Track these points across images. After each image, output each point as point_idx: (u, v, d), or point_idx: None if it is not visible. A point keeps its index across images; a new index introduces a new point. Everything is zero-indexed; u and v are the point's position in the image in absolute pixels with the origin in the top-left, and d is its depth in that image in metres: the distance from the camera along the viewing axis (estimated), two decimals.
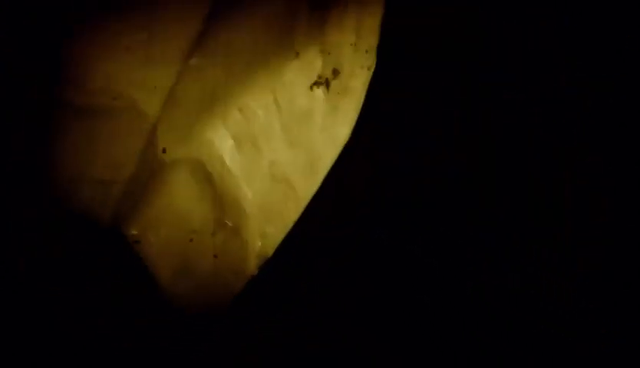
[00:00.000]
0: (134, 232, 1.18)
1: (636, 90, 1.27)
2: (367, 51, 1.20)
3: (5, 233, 1.19)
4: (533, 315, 1.25)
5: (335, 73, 1.19)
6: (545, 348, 1.24)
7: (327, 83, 1.19)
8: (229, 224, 1.18)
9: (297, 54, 1.19)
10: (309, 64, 1.19)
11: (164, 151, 1.17)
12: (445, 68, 1.30)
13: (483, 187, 1.28)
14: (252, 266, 1.18)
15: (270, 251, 1.18)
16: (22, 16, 1.19)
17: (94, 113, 1.18)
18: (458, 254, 1.27)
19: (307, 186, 1.19)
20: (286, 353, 1.25)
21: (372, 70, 1.20)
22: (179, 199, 1.19)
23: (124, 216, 1.18)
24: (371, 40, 1.20)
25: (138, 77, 1.18)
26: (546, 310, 1.25)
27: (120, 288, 1.22)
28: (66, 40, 1.19)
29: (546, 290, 1.25)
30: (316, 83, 1.19)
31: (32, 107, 1.20)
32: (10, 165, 1.20)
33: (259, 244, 1.18)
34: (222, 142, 1.18)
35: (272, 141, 1.19)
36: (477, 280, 1.27)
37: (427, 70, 1.30)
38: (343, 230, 1.27)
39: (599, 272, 1.25)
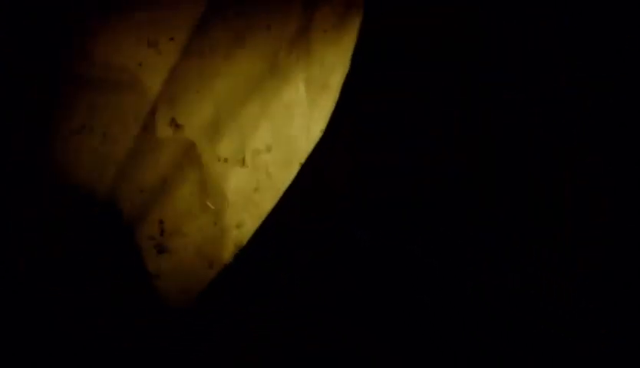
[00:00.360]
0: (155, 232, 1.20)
1: (636, 90, 1.27)
2: (346, 49, 1.22)
3: (5, 233, 1.19)
4: (533, 315, 1.25)
5: (318, 68, 1.21)
6: (546, 348, 1.24)
7: (309, 78, 1.21)
8: (212, 207, 1.19)
9: (287, 48, 1.21)
10: (296, 58, 1.21)
11: (176, 125, 1.19)
12: (445, 68, 1.30)
13: (483, 187, 1.28)
14: (228, 254, 1.19)
15: (244, 241, 1.19)
16: (22, 16, 1.19)
17: (99, 85, 1.20)
18: (458, 254, 1.28)
19: (283, 178, 1.21)
20: (281, 352, 1.25)
21: (348, 67, 1.22)
22: (170, 181, 1.20)
23: (119, 192, 1.19)
24: (351, 38, 1.23)
25: (142, 54, 1.20)
26: (546, 310, 1.25)
27: (120, 288, 1.22)
28: (73, 13, 1.20)
29: (546, 290, 1.25)
30: (300, 78, 1.21)
31: (32, 107, 1.20)
32: (10, 165, 1.20)
33: (235, 232, 1.19)
34: (213, 126, 1.20)
35: (257, 131, 1.20)
36: (477, 280, 1.27)
37: (427, 70, 1.30)
38: (324, 224, 1.28)
39: (599, 272, 1.25)
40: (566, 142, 1.28)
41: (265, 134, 1.21)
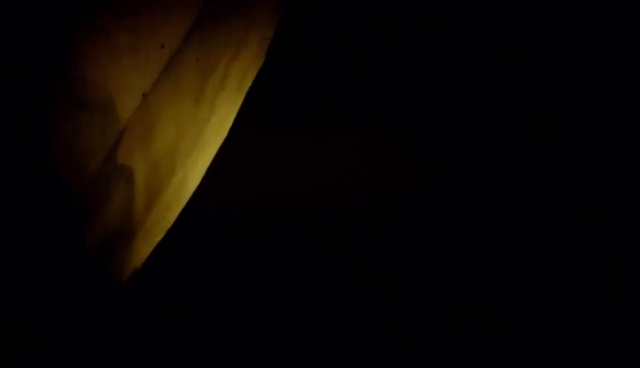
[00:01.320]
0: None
1: (636, 90, 1.27)
2: (243, 90, 1.26)
3: (5, 233, 1.19)
4: (533, 315, 1.25)
5: (225, 104, 1.24)
6: (545, 348, 1.24)
7: (219, 113, 1.24)
8: (135, 231, 1.22)
9: (214, 85, 1.24)
10: (216, 92, 1.24)
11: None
12: (445, 68, 1.30)
13: (483, 187, 1.28)
14: (126, 275, 1.22)
15: (139, 264, 1.22)
16: (22, 16, 1.20)
17: (82, 103, 1.21)
18: (458, 254, 1.28)
19: (177, 208, 1.24)
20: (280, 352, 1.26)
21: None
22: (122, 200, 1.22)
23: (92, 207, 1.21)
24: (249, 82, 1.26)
25: (120, 77, 1.21)
26: (546, 310, 1.25)
27: (120, 287, 1.22)
28: (66, 34, 1.21)
29: (546, 290, 1.25)
30: (212, 111, 1.24)
31: (32, 107, 1.20)
32: (10, 165, 1.20)
33: (135, 257, 1.22)
34: (156, 159, 1.22)
35: (178, 169, 1.24)
36: (477, 280, 1.27)
37: (427, 71, 1.30)
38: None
39: (599, 272, 1.25)
40: (566, 142, 1.28)
41: (180, 172, 1.24)
